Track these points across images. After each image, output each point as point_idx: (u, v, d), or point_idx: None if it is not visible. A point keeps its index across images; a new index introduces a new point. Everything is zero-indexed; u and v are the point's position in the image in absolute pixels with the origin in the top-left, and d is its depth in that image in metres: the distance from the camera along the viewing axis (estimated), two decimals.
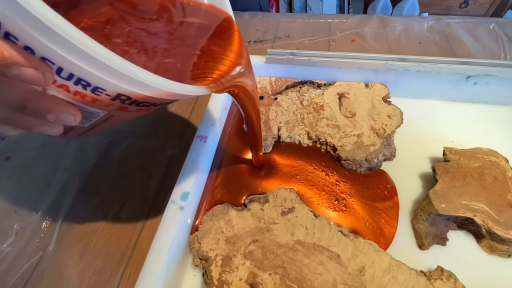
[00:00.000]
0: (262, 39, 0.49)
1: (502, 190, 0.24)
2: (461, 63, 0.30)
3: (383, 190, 0.27)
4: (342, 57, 0.33)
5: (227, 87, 0.19)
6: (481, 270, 0.23)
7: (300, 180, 0.28)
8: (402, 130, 0.30)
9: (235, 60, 0.20)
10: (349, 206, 0.26)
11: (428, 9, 1.37)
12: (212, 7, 0.22)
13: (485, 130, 0.31)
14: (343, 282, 0.21)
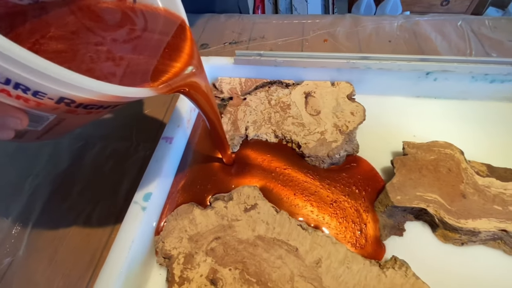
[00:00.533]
0: (238, 41, 0.49)
1: (455, 181, 0.25)
2: (420, 60, 0.31)
3: (346, 183, 0.28)
4: (307, 57, 0.33)
5: (178, 86, 0.20)
6: (435, 258, 0.24)
7: (267, 176, 0.29)
8: (366, 126, 0.31)
9: (186, 61, 0.20)
10: (316, 199, 0.27)
11: (410, 7, 1.39)
12: (167, 12, 0.23)
13: (446, 124, 0.32)
14: (299, 274, 0.22)
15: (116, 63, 0.21)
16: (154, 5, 0.23)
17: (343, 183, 0.28)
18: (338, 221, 0.25)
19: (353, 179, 0.28)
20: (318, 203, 0.27)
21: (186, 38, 0.21)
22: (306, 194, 0.27)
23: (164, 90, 0.19)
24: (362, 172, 0.29)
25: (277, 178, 0.28)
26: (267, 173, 0.29)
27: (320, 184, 0.28)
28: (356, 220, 0.25)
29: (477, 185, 0.25)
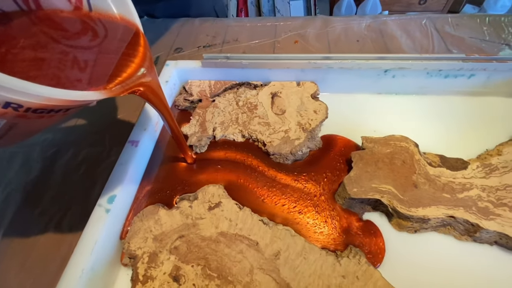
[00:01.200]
0: (211, 44, 0.50)
1: (408, 172, 0.27)
2: (378, 59, 0.33)
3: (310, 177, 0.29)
4: (272, 59, 0.35)
5: (131, 87, 0.21)
6: (391, 246, 0.25)
7: (234, 174, 0.29)
8: (331, 123, 0.33)
9: (139, 64, 0.21)
10: (281, 193, 0.28)
11: (389, 6, 1.43)
12: (123, 19, 0.24)
13: (406, 119, 0.34)
14: (259, 267, 0.23)
15: (82, 70, 0.22)
16: (110, 13, 0.23)
17: (306, 178, 0.29)
18: (305, 214, 0.26)
19: (316, 173, 0.29)
20: (284, 198, 0.28)
21: (139, 43, 0.22)
22: (272, 189, 0.28)
23: (116, 92, 0.20)
24: (326, 166, 0.30)
25: (244, 176, 0.29)
26: (234, 171, 0.30)
27: (285, 179, 0.29)
28: (320, 211, 0.27)
29: (428, 175, 0.27)
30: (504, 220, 0.24)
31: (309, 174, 0.29)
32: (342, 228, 0.26)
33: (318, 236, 0.25)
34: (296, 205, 0.27)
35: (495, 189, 0.25)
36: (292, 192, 0.28)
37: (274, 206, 0.27)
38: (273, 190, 0.28)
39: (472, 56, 0.32)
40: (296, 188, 0.28)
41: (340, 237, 0.25)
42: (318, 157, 0.30)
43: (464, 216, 0.24)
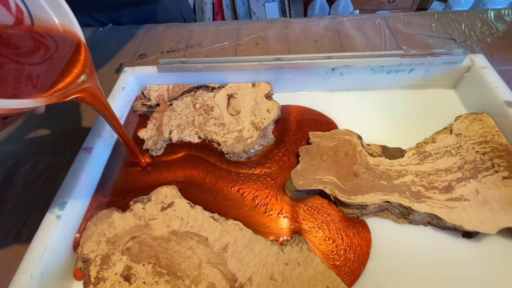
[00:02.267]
0: (175, 49, 0.51)
1: (350, 163, 0.29)
2: (324, 58, 0.35)
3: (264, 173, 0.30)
4: (225, 62, 0.36)
5: (71, 94, 0.21)
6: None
7: (189, 174, 0.30)
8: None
9: (79, 72, 0.22)
10: (236, 190, 0.29)
11: (361, 6, 1.48)
12: (66, 30, 0.24)
13: (355, 114, 0.36)
14: (207, 261, 0.24)
15: (34, 84, 0.23)
16: (51, 22, 0.24)
17: (259, 173, 0.30)
18: (258, 207, 0.28)
19: (268, 168, 0.31)
20: (239, 193, 0.29)
21: (80, 52, 0.23)
22: (226, 186, 0.29)
23: (54, 99, 0.21)
24: (278, 161, 0.31)
25: (200, 175, 0.30)
26: (190, 171, 0.31)
27: (239, 175, 0.30)
28: (272, 203, 0.28)
29: (368, 164, 0.29)
30: (434, 202, 0.26)
31: (262, 170, 0.30)
32: (292, 217, 0.27)
33: (270, 226, 0.27)
34: (250, 199, 0.28)
35: (427, 174, 0.27)
36: (246, 187, 0.29)
37: (229, 202, 0.28)
38: (228, 187, 0.29)
39: (409, 52, 0.34)
40: (250, 183, 0.30)
41: (289, 226, 0.27)
42: (271, 153, 0.32)
43: (398, 201, 0.26)
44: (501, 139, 0.29)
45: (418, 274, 0.24)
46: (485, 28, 0.49)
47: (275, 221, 0.27)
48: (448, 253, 0.25)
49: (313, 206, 0.28)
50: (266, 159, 0.31)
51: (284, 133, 0.34)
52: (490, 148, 0.29)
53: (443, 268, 0.24)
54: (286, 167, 0.31)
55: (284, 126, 0.34)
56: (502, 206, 0.25)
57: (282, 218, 0.27)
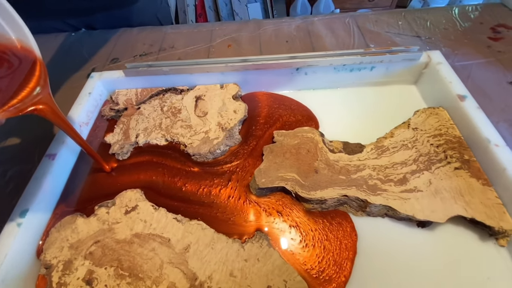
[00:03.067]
0: (148, 52, 0.51)
1: (311, 160, 0.30)
2: (288, 58, 0.35)
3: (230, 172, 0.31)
4: (192, 64, 0.36)
5: (25, 107, 0.22)
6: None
7: (156, 177, 0.31)
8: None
9: (34, 86, 0.22)
10: (203, 190, 0.29)
11: (342, 5, 1.50)
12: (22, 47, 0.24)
13: (322, 112, 0.37)
14: (168, 261, 0.24)
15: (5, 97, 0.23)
16: (9, 41, 0.24)
17: (226, 173, 0.31)
18: (225, 205, 0.28)
19: (235, 168, 0.31)
20: (205, 193, 0.29)
21: (36, 68, 0.23)
22: (193, 186, 0.30)
23: (10, 114, 0.21)
24: (244, 161, 0.32)
25: (166, 177, 0.31)
26: (156, 174, 0.31)
27: (206, 176, 0.31)
28: (237, 202, 0.28)
29: (328, 160, 0.29)
30: (389, 194, 0.27)
31: (228, 169, 0.31)
32: (257, 214, 0.28)
33: (236, 224, 0.27)
34: (216, 198, 0.29)
35: (384, 167, 0.29)
36: (212, 187, 0.30)
37: (195, 202, 0.29)
38: (194, 187, 0.30)
39: (369, 51, 0.35)
40: (216, 183, 0.30)
41: (254, 223, 0.27)
42: (237, 152, 0.32)
43: (355, 194, 0.27)
44: (455, 132, 0.31)
45: (376, 264, 0.25)
46: (449, 25, 0.51)
47: (241, 219, 0.28)
48: (404, 242, 0.26)
49: (277, 202, 0.29)
50: (232, 159, 0.32)
51: (251, 132, 0.34)
52: (444, 141, 0.30)
53: (400, 257, 0.25)
54: (252, 166, 0.31)
55: (252, 125, 0.35)
56: (453, 196, 0.26)
57: (247, 216, 0.28)
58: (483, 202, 0.26)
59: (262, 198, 0.29)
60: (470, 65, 0.43)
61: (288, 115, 0.36)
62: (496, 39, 0.47)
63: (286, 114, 0.36)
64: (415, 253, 0.25)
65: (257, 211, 0.28)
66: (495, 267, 0.25)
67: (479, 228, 0.26)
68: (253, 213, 0.28)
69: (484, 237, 0.26)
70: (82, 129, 0.34)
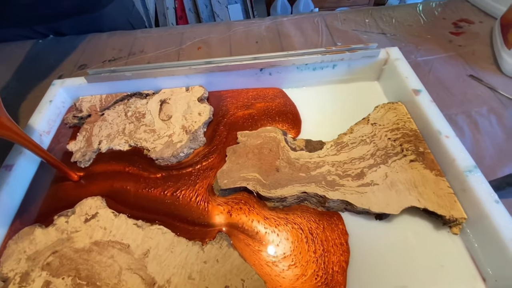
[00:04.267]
0: (117, 57, 0.51)
1: (273, 159, 0.30)
2: (251, 59, 0.36)
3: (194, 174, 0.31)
4: (155, 68, 0.36)
5: None
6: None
7: (119, 183, 0.30)
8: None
9: None
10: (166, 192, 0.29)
11: (321, 4, 1.52)
12: None
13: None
14: (127, 267, 0.24)
15: None
16: None
17: (190, 175, 0.31)
18: (189, 207, 0.28)
19: (199, 170, 0.31)
20: (169, 195, 0.29)
21: None
22: (156, 189, 0.30)
23: None
24: (208, 162, 0.32)
25: (129, 183, 0.31)
26: (119, 180, 0.31)
27: (170, 179, 0.30)
28: (204, 203, 0.29)
29: (290, 159, 0.30)
30: (347, 189, 0.27)
31: (192, 172, 0.31)
32: (220, 215, 0.28)
33: (200, 226, 0.27)
34: (180, 201, 0.29)
35: (342, 163, 0.29)
36: (176, 191, 0.30)
37: (159, 206, 0.29)
38: (158, 191, 0.30)
39: (330, 49, 0.36)
40: (180, 186, 0.30)
41: (218, 224, 0.27)
42: (202, 154, 0.32)
43: (314, 191, 0.27)
44: (412, 125, 0.32)
45: None
46: (414, 21, 0.52)
47: (204, 221, 0.28)
48: (363, 234, 0.27)
49: (241, 202, 0.29)
50: (196, 161, 0.32)
51: (217, 134, 0.34)
52: (401, 134, 0.31)
53: (359, 249, 0.26)
54: (216, 168, 0.31)
55: (217, 126, 0.35)
56: (407, 188, 0.27)
57: (210, 218, 0.28)
58: (435, 192, 0.26)
59: (226, 199, 0.29)
60: (432, 60, 0.45)
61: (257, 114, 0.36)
62: (457, 34, 0.49)
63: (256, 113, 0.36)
64: (373, 244, 0.26)
65: (220, 212, 0.28)
66: (448, 255, 0.25)
67: (433, 218, 0.27)
68: (217, 214, 0.28)
69: (439, 226, 0.27)
70: (42, 138, 0.33)
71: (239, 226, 0.27)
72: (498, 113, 0.37)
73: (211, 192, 0.30)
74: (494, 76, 0.42)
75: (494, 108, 0.38)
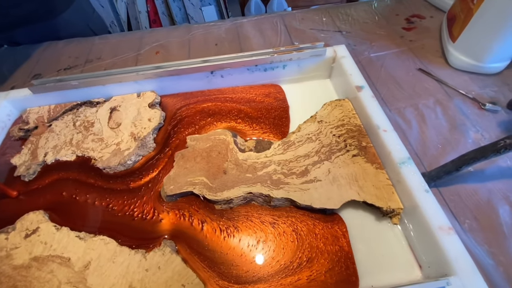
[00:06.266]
0: (73, 65, 0.49)
1: (221, 161, 0.30)
2: (201, 62, 0.36)
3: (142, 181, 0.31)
4: (104, 75, 0.35)
5: None
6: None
7: (65, 195, 0.30)
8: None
9: None
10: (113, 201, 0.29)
11: (295, 3, 1.53)
12: None
13: None
14: (66, 281, 0.24)
15: None
16: None
17: (138, 183, 0.30)
18: (137, 214, 0.28)
19: (146, 176, 0.31)
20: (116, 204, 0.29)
21: None
22: (103, 198, 0.29)
23: None
24: (158, 168, 0.32)
25: (76, 193, 0.30)
26: (66, 192, 0.30)
27: (117, 187, 0.30)
28: (152, 210, 0.28)
29: (238, 160, 0.30)
30: (291, 187, 0.28)
31: (140, 179, 0.31)
32: (166, 222, 0.28)
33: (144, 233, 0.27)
34: (128, 210, 0.29)
35: (288, 161, 0.30)
36: (123, 199, 0.29)
37: (105, 215, 0.28)
38: (105, 200, 0.29)
39: (277, 50, 0.36)
40: (128, 193, 0.30)
41: (163, 230, 0.27)
42: (151, 161, 0.32)
43: (259, 191, 0.27)
44: (356, 121, 0.32)
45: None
46: (369, 18, 0.54)
47: (151, 227, 0.28)
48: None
49: (189, 206, 0.29)
50: (145, 168, 0.32)
51: (168, 139, 0.34)
52: (345, 130, 0.32)
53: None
54: (165, 173, 0.31)
55: (169, 131, 0.35)
56: (348, 182, 0.28)
57: (157, 224, 0.28)
58: (375, 184, 0.27)
59: (173, 204, 0.29)
60: (384, 56, 0.46)
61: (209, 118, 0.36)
62: (409, 29, 0.51)
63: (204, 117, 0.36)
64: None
65: (167, 218, 0.28)
66: (389, 244, 0.26)
67: (375, 209, 0.28)
68: (163, 220, 0.28)
69: (380, 217, 0.28)
70: None
71: (185, 231, 0.27)
72: (444, 105, 0.39)
73: (159, 198, 0.29)
74: (441, 68, 0.44)
75: (440, 100, 0.39)
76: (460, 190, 0.31)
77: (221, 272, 0.25)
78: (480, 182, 0.31)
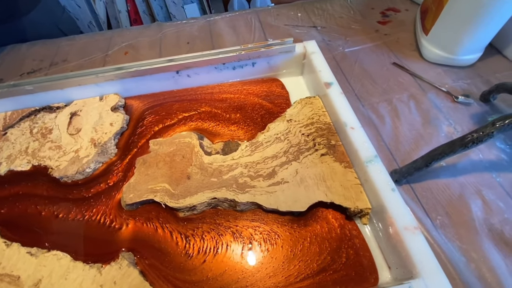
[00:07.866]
0: (36, 69, 0.47)
1: (185, 166, 0.29)
2: (166, 62, 0.34)
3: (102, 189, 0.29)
4: (62, 78, 0.34)
5: None
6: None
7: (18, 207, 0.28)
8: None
9: None
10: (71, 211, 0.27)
11: None
12: None
13: None
14: None
15: None
16: None
17: (99, 191, 0.29)
18: (96, 224, 0.27)
19: (105, 183, 0.29)
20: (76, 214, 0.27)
21: None
22: (60, 209, 0.28)
23: None
24: (119, 175, 0.30)
25: (31, 206, 0.28)
26: (19, 206, 0.28)
27: (76, 196, 0.28)
28: (113, 219, 0.27)
29: (203, 164, 0.29)
30: (257, 190, 0.27)
31: (99, 187, 0.29)
32: (125, 232, 0.26)
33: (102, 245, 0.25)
34: (84, 220, 0.27)
35: (255, 163, 0.28)
36: (81, 209, 0.28)
37: (60, 228, 0.27)
38: (61, 212, 0.28)
39: (245, 47, 0.35)
40: (86, 204, 0.28)
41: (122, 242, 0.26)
42: (112, 168, 0.31)
43: (224, 195, 0.26)
44: (326, 119, 0.31)
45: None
46: (344, 13, 0.53)
47: (110, 239, 0.26)
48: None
49: (150, 214, 0.27)
50: (105, 176, 0.30)
51: (131, 143, 0.32)
52: (315, 129, 0.31)
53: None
54: (126, 180, 0.30)
55: (132, 136, 0.33)
56: (316, 182, 0.27)
57: (115, 235, 0.26)
58: (343, 184, 0.26)
59: (134, 213, 0.27)
60: (359, 51, 0.45)
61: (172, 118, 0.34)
62: (384, 23, 0.50)
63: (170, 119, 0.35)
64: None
65: (126, 228, 0.27)
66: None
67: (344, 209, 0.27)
68: (122, 231, 0.26)
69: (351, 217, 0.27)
70: None
71: (145, 240, 0.26)
72: (417, 99, 0.38)
73: (119, 207, 0.28)
74: (415, 62, 0.43)
75: (413, 94, 0.39)
76: (432, 186, 0.30)
77: (184, 280, 0.23)
78: (452, 177, 0.31)
